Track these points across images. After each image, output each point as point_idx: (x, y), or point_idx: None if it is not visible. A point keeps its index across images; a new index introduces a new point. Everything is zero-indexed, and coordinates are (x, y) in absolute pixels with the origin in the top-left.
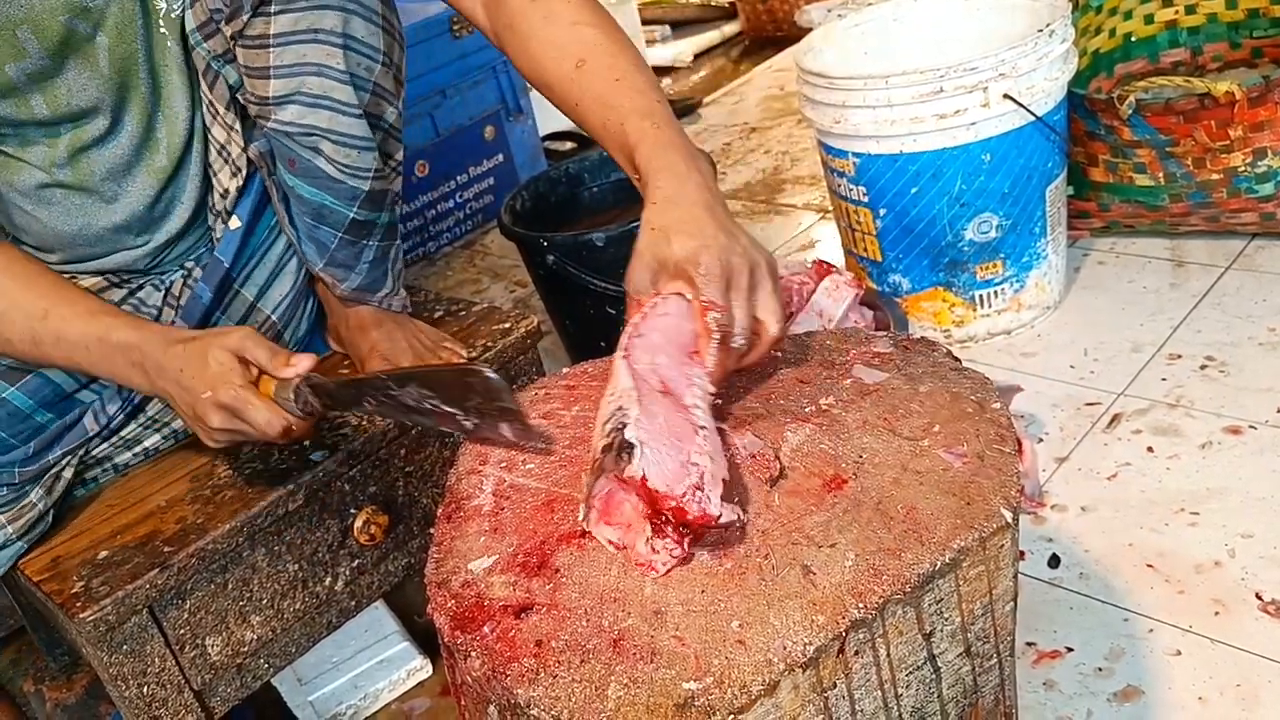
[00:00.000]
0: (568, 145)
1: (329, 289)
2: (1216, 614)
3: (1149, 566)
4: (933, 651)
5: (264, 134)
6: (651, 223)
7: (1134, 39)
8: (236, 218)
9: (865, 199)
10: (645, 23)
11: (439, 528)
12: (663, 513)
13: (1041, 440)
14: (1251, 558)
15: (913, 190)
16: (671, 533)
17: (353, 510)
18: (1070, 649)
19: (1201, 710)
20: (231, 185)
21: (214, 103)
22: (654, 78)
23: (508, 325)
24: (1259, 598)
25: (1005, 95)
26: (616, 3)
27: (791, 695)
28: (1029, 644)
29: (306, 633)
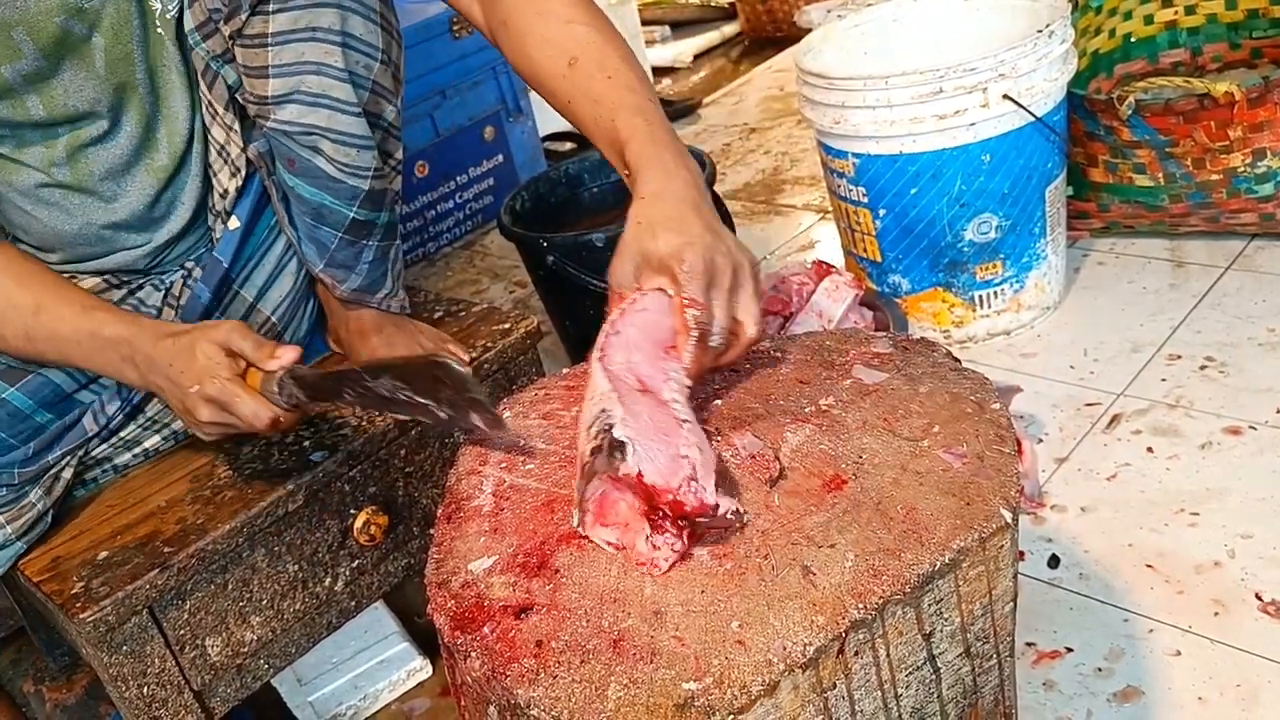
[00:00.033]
0: (567, 146)
1: (328, 290)
2: (1216, 614)
3: (1149, 567)
4: (932, 652)
5: (263, 134)
6: (638, 217)
7: (1134, 39)
8: (235, 218)
9: (865, 199)
10: (645, 23)
11: (439, 528)
12: (660, 507)
13: (1041, 441)
14: (1251, 558)
15: (912, 191)
16: (670, 527)
17: (353, 511)
18: (1070, 649)
19: (1201, 710)
20: (231, 185)
21: (213, 103)
22: (645, 76)
23: (507, 326)
24: (1259, 598)
25: (1005, 96)
26: (616, 3)
27: (791, 696)
28: (1029, 644)
29: (306, 633)
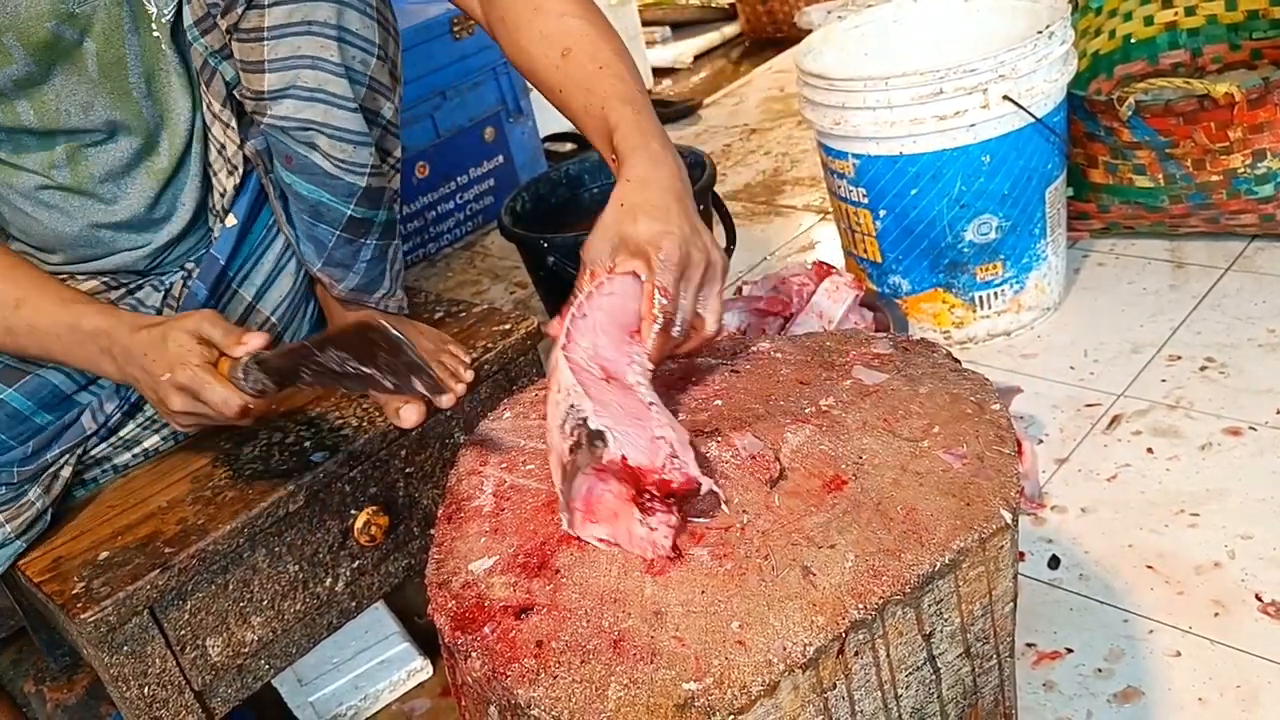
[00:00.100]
0: (568, 146)
1: (326, 289)
2: (1216, 615)
3: (1149, 568)
4: (932, 652)
5: (260, 131)
6: (621, 199)
7: (1134, 40)
8: (233, 215)
9: (865, 200)
10: (645, 24)
11: (439, 528)
12: (646, 489)
13: (1041, 441)
14: (1251, 559)
15: (912, 192)
16: (660, 506)
17: (353, 511)
18: (1070, 650)
19: (1201, 711)
20: (229, 184)
21: (211, 101)
22: (637, 69)
23: (508, 326)
24: (1259, 599)
25: (1005, 97)
26: (617, 4)
27: (791, 696)
28: (1029, 645)
29: (307, 633)
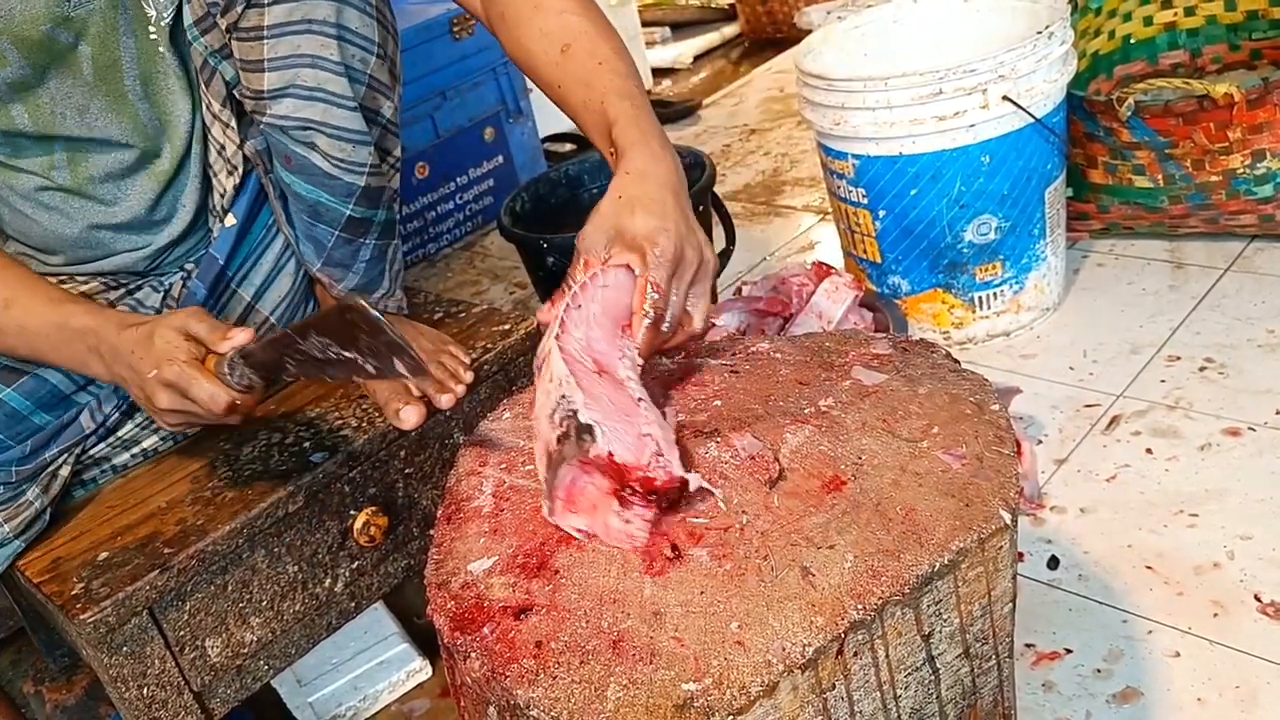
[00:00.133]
0: (568, 147)
1: (326, 289)
2: (1215, 615)
3: (1148, 568)
4: (931, 653)
5: (260, 131)
6: (619, 191)
7: (1133, 41)
8: (232, 215)
9: (864, 201)
10: (645, 24)
11: (439, 529)
12: (629, 484)
13: (1040, 442)
14: (1250, 559)
15: (912, 192)
16: (638, 500)
17: (352, 512)
18: (1069, 650)
19: (1200, 711)
20: (229, 184)
21: (211, 101)
22: (635, 66)
23: (508, 327)
24: (1258, 599)
25: (1004, 97)
26: (617, 4)
27: (790, 696)
28: (1028, 645)
29: (306, 634)
